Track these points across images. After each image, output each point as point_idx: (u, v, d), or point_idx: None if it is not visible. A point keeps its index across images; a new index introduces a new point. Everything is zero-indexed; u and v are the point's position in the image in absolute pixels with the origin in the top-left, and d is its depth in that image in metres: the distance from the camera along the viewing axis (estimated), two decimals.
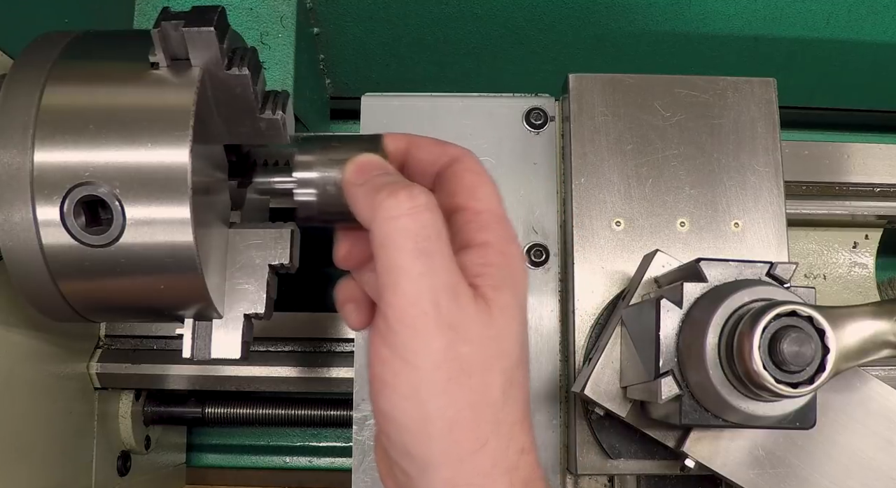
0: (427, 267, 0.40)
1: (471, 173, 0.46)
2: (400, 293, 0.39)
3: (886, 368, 0.71)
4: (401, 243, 0.40)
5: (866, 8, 0.91)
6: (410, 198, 0.40)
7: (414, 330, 0.39)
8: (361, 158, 0.45)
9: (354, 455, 0.66)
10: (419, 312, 0.39)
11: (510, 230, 0.46)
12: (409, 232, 0.40)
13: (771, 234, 0.69)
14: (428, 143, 0.48)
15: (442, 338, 0.39)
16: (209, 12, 0.52)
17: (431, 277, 0.40)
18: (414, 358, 0.39)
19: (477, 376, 0.40)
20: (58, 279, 0.53)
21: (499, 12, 0.93)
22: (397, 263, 0.40)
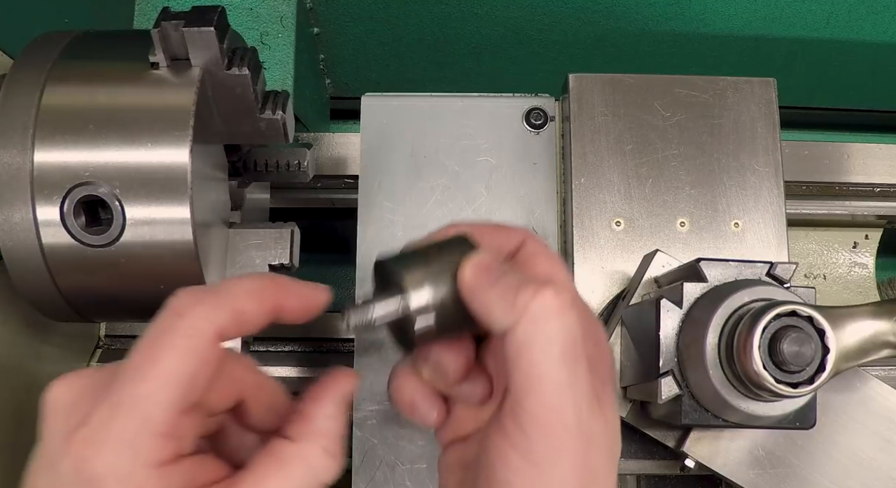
0: (572, 375, 0.38)
1: (544, 258, 0.44)
2: (543, 402, 0.38)
3: (886, 368, 0.71)
4: (548, 349, 0.37)
5: (866, 8, 0.91)
6: (557, 296, 0.38)
7: (552, 440, 0.38)
8: (478, 259, 0.41)
9: (354, 455, 0.66)
10: (562, 425, 0.38)
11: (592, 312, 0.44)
12: (559, 335, 0.38)
13: (771, 234, 0.69)
14: (490, 231, 0.45)
15: (580, 450, 0.38)
16: (209, 12, 0.52)
17: (575, 387, 0.38)
18: (551, 469, 0.38)
19: (601, 480, 0.40)
20: (58, 279, 0.54)
21: (499, 12, 0.93)
22: (542, 370, 0.37)
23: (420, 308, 0.40)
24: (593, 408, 0.39)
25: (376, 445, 0.65)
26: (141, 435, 0.34)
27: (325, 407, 0.40)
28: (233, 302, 0.37)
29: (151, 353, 0.35)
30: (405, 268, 0.41)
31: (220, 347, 0.37)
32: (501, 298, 0.39)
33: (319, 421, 0.40)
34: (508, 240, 0.45)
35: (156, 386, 0.35)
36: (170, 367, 0.35)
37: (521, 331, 0.38)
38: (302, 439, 0.39)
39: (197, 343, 0.36)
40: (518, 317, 0.38)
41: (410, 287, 0.40)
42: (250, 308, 0.38)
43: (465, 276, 0.41)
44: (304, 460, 0.38)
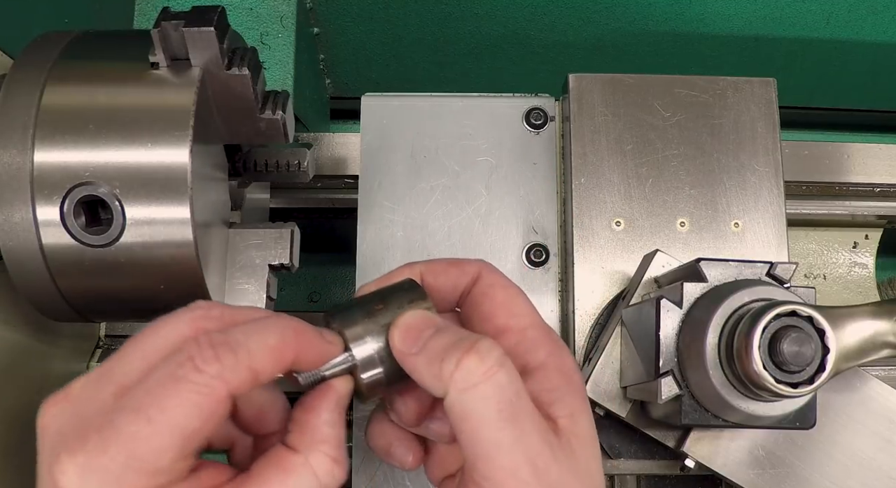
0: (518, 432, 0.37)
1: (500, 289, 0.44)
2: (496, 467, 0.37)
3: (886, 368, 0.71)
4: (484, 414, 0.37)
5: (866, 8, 0.91)
6: (480, 363, 0.38)
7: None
8: (405, 320, 0.41)
9: (354, 455, 0.66)
10: (520, 483, 0.37)
11: (558, 341, 0.43)
12: (491, 400, 0.37)
13: (771, 234, 0.69)
14: (443, 267, 0.45)
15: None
16: (209, 12, 0.52)
17: (525, 442, 0.38)
18: None
19: None
20: (58, 279, 0.53)
21: (499, 12, 0.93)
22: (485, 436, 0.37)
23: (364, 360, 0.41)
24: (555, 455, 0.39)
25: None
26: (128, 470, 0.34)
27: (324, 414, 0.40)
28: (252, 362, 0.37)
29: (160, 399, 0.35)
30: (348, 322, 0.41)
31: (229, 406, 0.36)
32: (428, 368, 0.39)
33: (320, 429, 0.39)
34: (463, 275, 0.45)
35: (158, 432, 0.34)
36: (177, 419, 0.35)
37: (451, 400, 0.38)
38: (305, 448, 0.38)
39: (209, 401, 0.35)
40: (446, 388, 0.38)
41: (352, 342, 0.41)
42: (268, 368, 0.37)
43: (395, 342, 0.41)
44: (309, 469, 0.38)
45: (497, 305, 0.43)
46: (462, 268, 0.45)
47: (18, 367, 0.70)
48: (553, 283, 0.72)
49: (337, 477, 0.38)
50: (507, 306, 0.43)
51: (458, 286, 0.45)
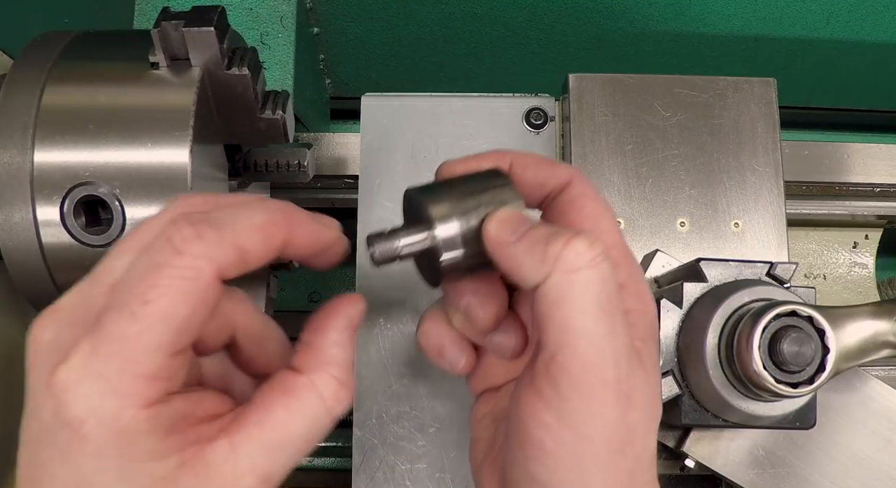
0: (610, 328, 0.36)
1: (590, 201, 0.41)
2: (579, 358, 0.35)
3: (886, 368, 0.71)
4: (583, 301, 0.35)
5: (866, 8, 0.91)
6: (590, 247, 0.36)
7: (590, 398, 0.36)
8: (502, 215, 0.39)
9: (354, 455, 0.66)
10: (600, 381, 0.35)
11: (637, 266, 0.41)
12: (594, 287, 0.35)
13: (771, 234, 0.69)
14: (535, 163, 0.42)
15: (618, 408, 0.36)
16: (209, 12, 0.52)
17: (614, 340, 0.36)
18: (586, 428, 0.36)
19: (639, 442, 0.38)
20: (58, 279, 0.54)
21: (499, 12, 0.93)
22: (578, 324, 0.35)
23: (446, 240, 0.39)
24: (633, 364, 0.37)
25: (376, 445, 0.65)
26: (125, 375, 0.32)
27: (331, 334, 0.38)
28: (238, 238, 0.34)
29: (143, 290, 0.32)
30: (433, 199, 0.39)
31: (218, 289, 0.34)
32: (530, 252, 0.36)
33: (327, 350, 0.37)
34: (553, 178, 0.42)
35: (146, 327, 0.32)
36: (163, 309, 0.32)
37: (552, 283, 0.35)
38: (310, 369, 0.36)
39: (195, 285, 0.33)
40: (549, 269, 0.35)
41: (437, 219, 0.39)
42: (256, 246, 0.35)
43: (491, 232, 0.38)
44: (315, 390, 0.36)
45: (584, 216, 0.41)
46: (554, 170, 0.42)
47: (18, 367, 0.70)
48: None
49: (343, 401, 0.37)
50: (595, 219, 0.41)
51: (546, 186, 0.42)
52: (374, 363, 0.68)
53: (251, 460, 0.34)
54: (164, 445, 0.33)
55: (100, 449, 0.32)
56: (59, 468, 0.32)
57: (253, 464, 0.34)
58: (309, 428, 0.36)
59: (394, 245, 0.39)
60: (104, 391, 0.32)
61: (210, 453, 0.34)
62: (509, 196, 0.40)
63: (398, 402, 0.66)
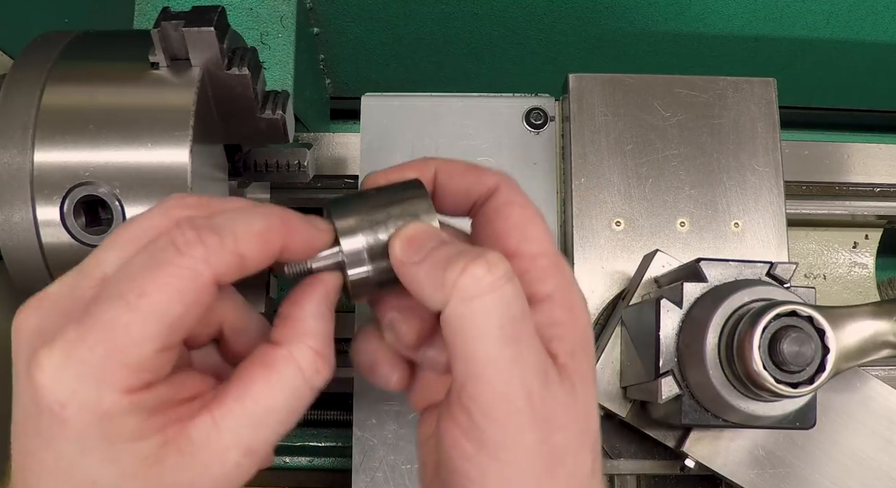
0: (516, 354, 0.35)
1: (518, 208, 0.40)
2: (487, 389, 0.34)
3: (886, 368, 0.71)
4: (484, 328, 0.34)
5: (866, 8, 0.91)
6: (488, 271, 0.34)
7: (504, 426, 0.35)
8: (408, 231, 0.38)
9: (354, 455, 0.66)
10: (512, 409, 0.35)
11: (569, 274, 0.40)
12: (494, 314, 0.34)
13: (771, 234, 0.69)
14: (460, 170, 0.41)
15: (536, 433, 0.35)
16: (209, 12, 0.52)
17: (523, 366, 0.35)
18: (506, 455, 0.35)
19: (570, 461, 0.37)
20: None
21: (499, 12, 0.93)
22: (481, 353, 0.34)
23: (351, 255, 0.38)
24: (550, 385, 0.36)
25: (376, 445, 0.65)
26: (109, 362, 0.32)
27: (308, 306, 0.37)
28: (238, 245, 0.34)
29: (141, 283, 0.32)
30: (342, 213, 0.39)
31: (214, 292, 0.34)
32: (430, 276, 0.36)
33: (305, 322, 0.37)
34: (479, 185, 0.41)
35: (138, 318, 0.32)
36: (158, 304, 0.32)
37: (451, 311, 0.35)
38: (288, 341, 0.36)
39: (193, 286, 0.33)
40: (447, 296, 0.35)
41: (342, 233, 0.39)
42: (254, 252, 0.35)
43: (395, 251, 0.38)
44: (293, 362, 0.36)
45: (511, 226, 0.40)
46: (480, 177, 0.41)
47: None
48: None
49: (322, 373, 0.37)
50: (522, 228, 0.40)
51: (472, 194, 0.41)
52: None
53: (234, 434, 0.34)
54: (147, 425, 0.33)
55: (81, 432, 0.32)
56: (45, 454, 0.32)
57: (236, 438, 0.34)
58: (289, 400, 0.36)
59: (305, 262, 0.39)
60: (85, 376, 0.32)
61: (193, 429, 0.34)
62: (421, 208, 0.39)
63: (398, 402, 0.66)
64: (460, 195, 0.41)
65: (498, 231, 0.40)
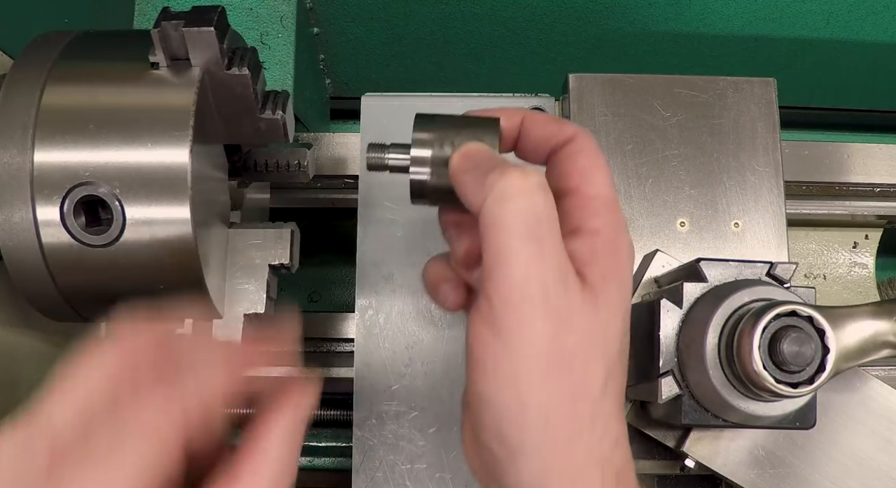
0: (537, 251, 0.38)
1: (586, 155, 0.44)
2: (507, 276, 0.38)
3: (886, 368, 0.71)
4: (511, 225, 0.38)
5: (866, 8, 0.91)
6: (523, 178, 0.39)
7: (519, 315, 0.38)
8: (468, 147, 0.43)
9: (354, 455, 0.66)
10: (526, 298, 0.38)
11: (621, 219, 0.44)
12: (521, 213, 0.38)
13: (771, 234, 0.69)
14: (543, 120, 0.46)
15: (547, 326, 0.38)
16: (209, 12, 0.52)
17: (540, 262, 0.38)
18: (516, 343, 0.38)
19: (579, 368, 0.39)
20: (58, 279, 0.53)
21: (499, 12, 0.93)
22: (506, 246, 0.38)
23: (416, 160, 0.45)
24: (569, 288, 0.39)
25: (376, 445, 0.65)
26: None
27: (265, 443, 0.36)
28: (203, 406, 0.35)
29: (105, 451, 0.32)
30: (422, 126, 0.45)
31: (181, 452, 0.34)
32: (475, 180, 0.41)
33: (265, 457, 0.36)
34: (559, 134, 0.45)
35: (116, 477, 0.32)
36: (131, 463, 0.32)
37: (486, 210, 0.39)
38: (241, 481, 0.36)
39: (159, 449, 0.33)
40: (485, 196, 0.39)
41: (415, 141, 0.45)
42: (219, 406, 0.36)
43: (453, 160, 0.43)
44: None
45: (577, 169, 0.44)
46: (561, 127, 0.45)
47: (18, 367, 0.70)
48: None
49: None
50: (585, 172, 0.44)
51: (550, 142, 0.45)
52: (374, 363, 0.68)
53: None
54: None
55: None
56: None
57: None
58: None
59: (382, 155, 0.46)
60: None
61: None
62: (487, 136, 0.44)
63: (398, 402, 0.66)
64: (541, 142, 0.46)
65: (565, 172, 0.44)
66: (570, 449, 0.39)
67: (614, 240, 0.42)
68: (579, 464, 0.39)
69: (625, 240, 0.43)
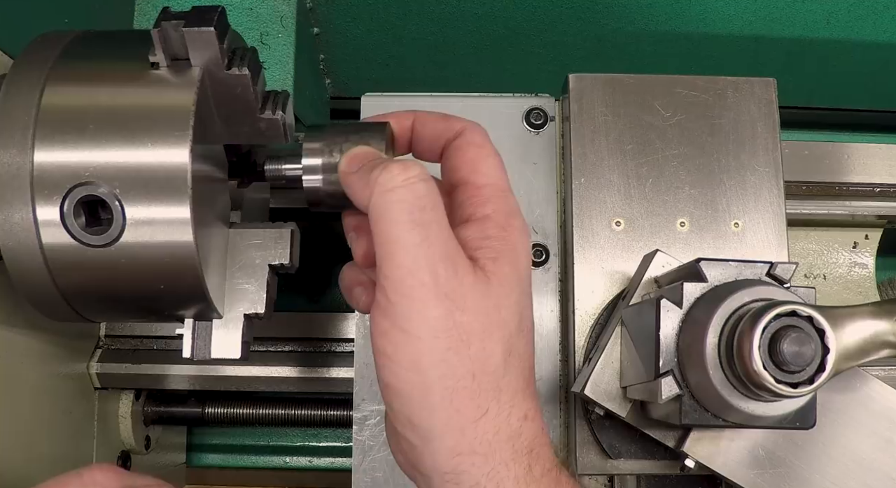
0: (423, 237, 0.40)
1: (474, 147, 0.46)
2: (397, 264, 0.40)
3: (886, 368, 0.71)
4: (396, 215, 0.40)
5: (866, 8, 0.91)
6: (404, 170, 0.41)
7: (411, 300, 0.40)
8: (355, 150, 0.46)
9: (354, 455, 0.66)
10: (416, 282, 0.40)
11: (512, 203, 0.46)
12: (405, 203, 0.40)
13: (771, 234, 0.69)
14: (433, 119, 0.48)
15: (440, 308, 0.40)
16: (209, 12, 0.52)
17: (428, 247, 0.40)
18: (413, 328, 0.40)
19: (476, 345, 0.41)
20: (58, 279, 0.53)
21: (499, 12, 0.93)
22: (393, 235, 0.40)
23: (308, 167, 0.48)
24: (458, 271, 0.41)
25: (376, 445, 0.65)
26: None
27: None
28: None
29: None
30: (312, 136, 0.48)
31: None
32: (360, 179, 0.43)
33: None
34: (448, 130, 0.48)
35: None
36: None
37: (373, 204, 0.41)
38: None
39: None
40: (371, 191, 0.41)
41: (305, 150, 0.48)
42: None
43: (341, 164, 0.46)
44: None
45: (465, 160, 0.46)
46: (449, 122, 0.48)
47: (18, 367, 0.70)
48: (553, 283, 0.72)
49: None
50: (474, 163, 0.46)
51: (442, 139, 0.48)
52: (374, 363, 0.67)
53: None
54: None
55: None
56: None
57: None
58: None
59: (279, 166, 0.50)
60: None
61: None
62: (375, 139, 0.47)
63: None
64: (433, 140, 0.48)
65: (455, 165, 0.47)
66: (478, 427, 0.40)
67: (505, 224, 0.45)
68: (488, 441, 0.41)
69: (516, 223, 0.45)
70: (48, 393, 0.77)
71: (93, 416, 0.88)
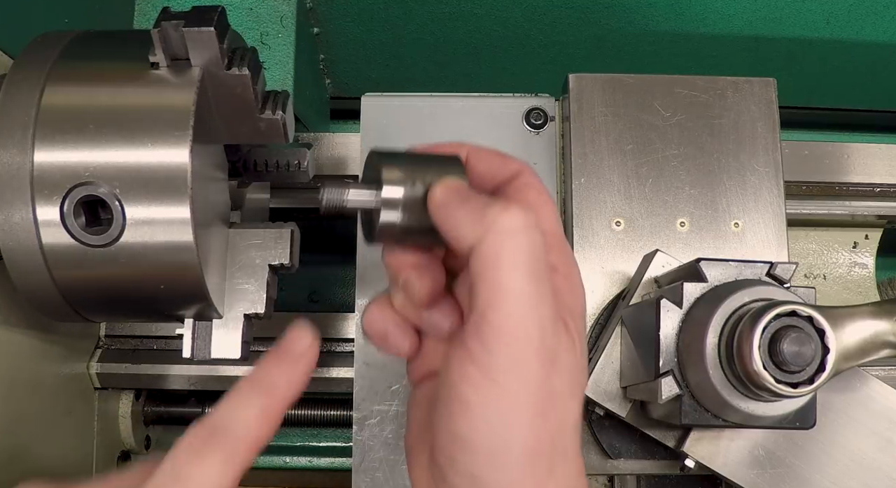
0: (538, 290, 0.38)
1: (534, 191, 0.44)
2: (506, 312, 0.37)
3: (886, 368, 0.71)
4: (516, 261, 0.37)
5: (866, 8, 0.91)
6: (525, 213, 0.38)
7: (515, 354, 0.37)
8: (451, 182, 0.42)
9: (354, 455, 0.66)
10: (523, 335, 0.37)
11: (570, 253, 0.44)
12: (524, 249, 0.37)
13: (771, 234, 0.69)
14: (489, 156, 0.46)
15: (542, 368, 0.38)
16: (209, 12, 0.52)
17: (539, 300, 0.38)
18: (508, 382, 0.37)
19: (561, 407, 0.39)
20: (58, 279, 0.53)
21: (499, 12, 0.93)
22: (509, 282, 0.37)
23: (388, 201, 0.42)
24: (558, 328, 0.40)
25: (376, 445, 0.65)
26: None
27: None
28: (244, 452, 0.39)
29: None
30: (389, 163, 0.42)
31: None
32: (469, 214, 0.39)
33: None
34: (504, 169, 0.46)
35: None
36: None
37: (488, 244, 0.38)
38: None
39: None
40: (485, 230, 0.38)
41: (386, 180, 0.42)
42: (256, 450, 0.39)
43: (436, 194, 0.41)
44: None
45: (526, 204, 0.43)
46: (506, 162, 0.46)
47: (18, 367, 0.70)
48: None
49: None
50: (535, 207, 0.44)
51: (497, 177, 0.46)
52: (374, 363, 0.68)
53: None
54: None
55: None
56: None
57: None
58: None
59: (342, 197, 0.42)
60: None
61: None
62: (456, 171, 0.43)
63: (398, 402, 0.66)
64: (487, 177, 0.46)
65: None
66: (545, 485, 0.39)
67: (570, 274, 0.43)
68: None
69: (577, 273, 0.44)
70: (48, 393, 0.77)
71: (93, 416, 0.88)
